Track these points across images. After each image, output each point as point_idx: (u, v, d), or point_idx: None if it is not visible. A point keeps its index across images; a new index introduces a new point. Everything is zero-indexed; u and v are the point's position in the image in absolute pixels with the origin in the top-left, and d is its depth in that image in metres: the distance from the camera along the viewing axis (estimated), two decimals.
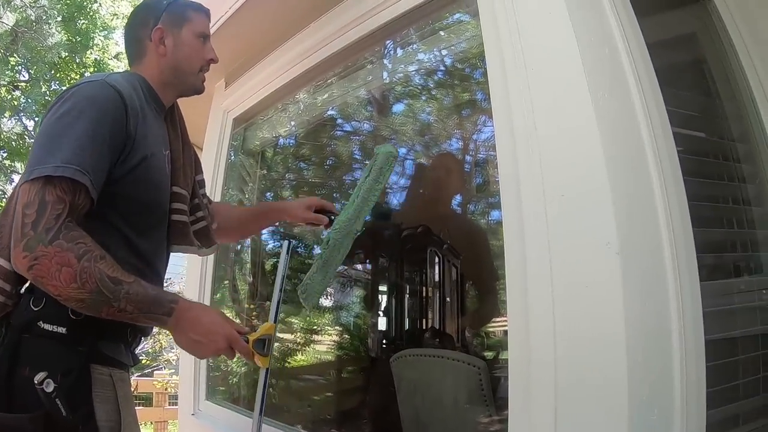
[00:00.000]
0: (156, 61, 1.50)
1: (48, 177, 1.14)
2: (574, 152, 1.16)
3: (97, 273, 1.16)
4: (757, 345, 1.51)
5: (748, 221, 1.63)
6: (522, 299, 1.20)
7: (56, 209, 1.14)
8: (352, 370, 3.12)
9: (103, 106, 1.25)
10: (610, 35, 1.27)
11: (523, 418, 1.18)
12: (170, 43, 1.50)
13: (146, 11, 1.52)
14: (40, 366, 1.20)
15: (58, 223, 1.14)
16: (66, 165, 1.15)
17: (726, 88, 1.72)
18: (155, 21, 1.49)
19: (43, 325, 1.25)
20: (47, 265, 1.12)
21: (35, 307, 1.26)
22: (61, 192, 1.16)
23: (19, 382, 1.21)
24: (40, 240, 1.12)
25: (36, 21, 9.21)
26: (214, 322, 1.33)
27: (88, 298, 1.16)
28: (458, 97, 2.66)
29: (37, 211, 1.13)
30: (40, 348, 1.25)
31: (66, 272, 1.13)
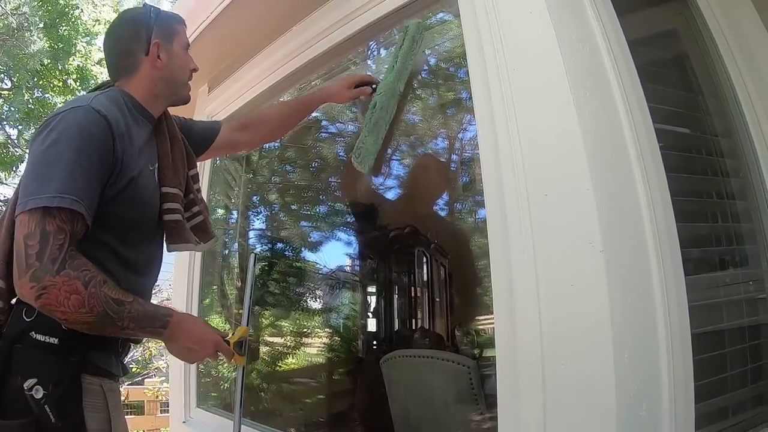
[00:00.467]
0: (150, 74, 1.51)
1: (46, 208, 1.17)
2: (557, 152, 1.17)
3: (103, 297, 1.21)
4: (744, 337, 1.52)
5: (733, 215, 1.64)
6: (508, 300, 1.20)
7: (58, 239, 1.18)
8: (342, 372, 3.12)
9: (91, 134, 1.27)
10: (591, 34, 1.28)
11: (511, 417, 1.18)
12: (165, 57, 1.52)
13: (135, 25, 1.52)
14: (31, 375, 1.23)
15: (62, 253, 1.17)
16: (62, 195, 1.18)
17: (708, 84, 1.74)
18: (148, 35, 1.50)
19: (36, 335, 1.28)
20: (56, 294, 1.16)
21: (27, 318, 1.29)
22: (61, 222, 1.18)
23: (11, 391, 1.24)
24: (47, 270, 1.15)
25: (17, 28, 9.12)
26: (203, 330, 1.46)
27: (95, 321, 1.21)
28: (443, 97, 2.66)
29: (40, 242, 1.16)
30: (31, 358, 1.27)
31: (75, 299, 1.17)
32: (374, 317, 2.99)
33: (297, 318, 3.20)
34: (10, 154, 10.57)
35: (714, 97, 1.72)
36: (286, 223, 3.40)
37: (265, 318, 3.24)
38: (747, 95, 1.67)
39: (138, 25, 1.52)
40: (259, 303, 3.14)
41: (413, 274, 2.87)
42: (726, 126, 1.70)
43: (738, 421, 1.43)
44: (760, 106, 1.66)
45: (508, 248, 1.21)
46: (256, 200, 3.25)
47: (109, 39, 1.57)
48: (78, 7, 10.35)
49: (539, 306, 1.12)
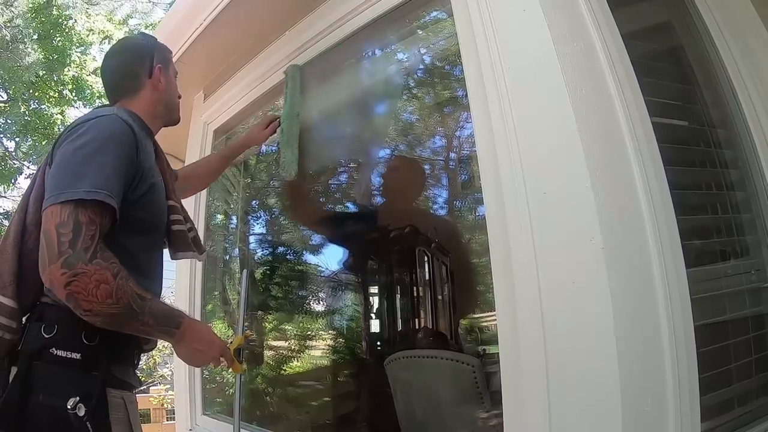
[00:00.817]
0: (151, 95, 1.62)
1: (80, 200, 1.21)
2: (554, 150, 1.17)
3: (129, 290, 1.24)
4: (747, 327, 1.52)
5: (732, 205, 1.63)
6: (509, 300, 1.20)
7: (90, 230, 1.21)
8: (347, 374, 3.12)
9: (120, 139, 1.35)
10: (585, 29, 1.28)
11: (517, 414, 1.18)
12: (164, 81, 1.65)
13: (139, 49, 1.66)
14: (55, 392, 1.25)
15: (94, 243, 1.21)
16: (96, 189, 1.23)
17: (703, 75, 1.73)
18: (151, 59, 1.64)
19: (57, 351, 1.29)
20: (86, 282, 1.17)
21: (47, 334, 1.30)
22: (93, 214, 1.22)
23: (33, 410, 1.24)
24: (80, 258, 1.17)
25: (11, 41, 9.13)
26: (210, 334, 1.50)
27: (119, 313, 1.22)
28: (439, 95, 2.66)
29: (73, 231, 1.19)
30: (53, 374, 1.28)
31: (104, 289, 1.19)
32: (377, 318, 2.99)
33: (300, 321, 3.20)
34: (8, 166, 10.58)
35: (710, 88, 1.72)
36: (286, 227, 3.40)
37: (268, 322, 3.24)
38: (743, 85, 1.67)
39: (142, 50, 1.66)
40: (262, 308, 3.15)
41: (415, 274, 2.87)
42: (723, 117, 1.69)
43: (744, 413, 1.43)
44: (756, 95, 1.66)
45: (509, 247, 1.21)
46: (256, 204, 3.25)
47: (112, 60, 1.67)
48: (71, 18, 10.34)
49: (541, 304, 1.12)
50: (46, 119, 10.59)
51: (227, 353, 1.53)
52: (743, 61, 1.69)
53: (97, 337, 1.32)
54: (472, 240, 2.62)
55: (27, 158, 10.68)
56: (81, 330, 1.30)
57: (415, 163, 2.99)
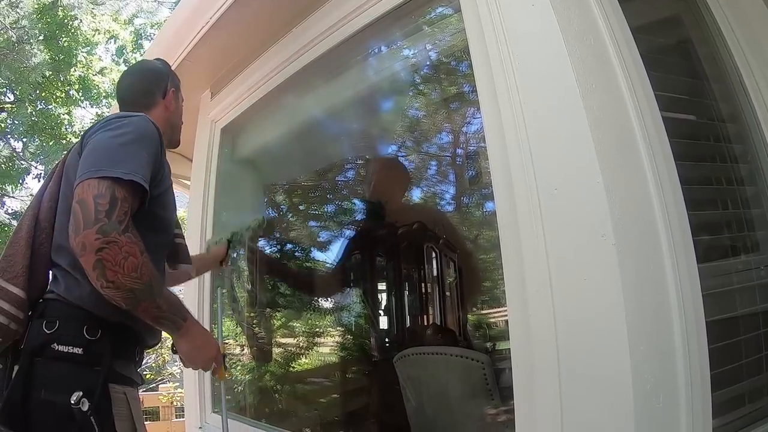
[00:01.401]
0: (162, 114, 1.71)
1: (117, 178, 1.26)
2: (565, 145, 1.16)
3: (152, 269, 1.28)
4: (759, 323, 1.51)
5: (743, 200, 1.62)
6: (521, 297, 1.19)
7: (125, 206, 1.26)
8: (356, 371, 3.12)
9: (151, 136, 1.43)
10: (594, 23, 1.27)
11: (528, 412, 1.18)
12: (174, 104, 1.77)
13: (157, 71, 1.79)
14: (57, 388, 1.26)
15: (126, 219, 1.26)
16: (135, 173, 1.29)
17: (713, 69, 1.72)
18: (166, 82, 1.76)
19: (58, 347, 1.30)
20: (116, 251, 1.21)
21: (48, 330, 1.32)
22: (127, 194, 1.28)
23: (36, 406, 1.25)
24: (114, 228, 1.22)
25: (17, 42, 9.16)
26: (210, 336, 1.59)
27: (139, 289, 1.25)
28: (446, 91, 2.66)
29: (110, 203, 1.24)
30: (55, 370, 1.30)
31: (131, 261, 1.23)
32: (386, 315, 2.99)
33: (308, 318, 3.21)
34: (15, 166, 10.62)
35: (719, 82, 1.71)
36: (294, 224, 3.40)
37: (277, 319, 3.24)
38: (753, 79, 1.66)
39: (160, 72, 1.78)
40: (270, 305, 3.15)
41: (423, 271, 2.88)
42: (733, 111, 1.68)
43: (755, 408, 1.42)
44: (766, 89, 1.65)
45: (520, 244, 1.20)
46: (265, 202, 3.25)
47: (132, 78, 1.79)
48: (77, 18, 10.37)
49: (553, 301, 1.12)
50: (53, 119, 10.62)
51: (220, 357, 1.58)
52: (753, 55, 1.68)
53: (99, 332, 1.34)
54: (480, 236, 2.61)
55: (34, 158, 10.73)
56: (83, 325, 1.33)
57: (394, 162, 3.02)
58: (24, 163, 10.76)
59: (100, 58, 11.58)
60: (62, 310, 1.35)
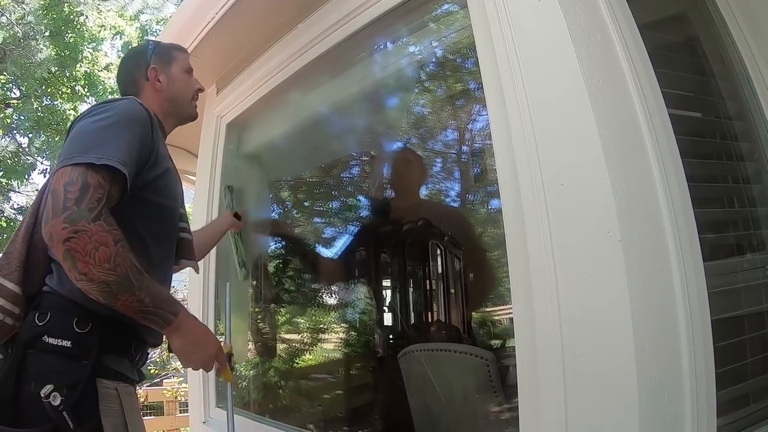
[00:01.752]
0: (154, 96, 1.67)
1: (90, 164, 1.22)
2: (571, 141, 1.16)
3: (129, 259, 1.22)
4: (765, 323, 1.50)
5: (749, 199, 1.62)
6: (526, 293, 1.19)
7: (98, 193, 1.21)
8: (360, 367, 3.12)
9: (137, 118, 1.39)
10: (601, 20, 1.26)
11: (533, 409, 1.18)
12: (164, 80, 1.69)
13: (136, 57, 1.74)
14: (45, 380, 1.23)
15: (99, 206, 1.20)
16: (108, 156, 1.24)
17: (720, 67, 1.72)
18: (147, 63, 1.69)
19: (48, 339, 1.29)
20: (85, 241, 1.16)
21: (40, 322, 1.30)
22: (102, 179, 1.23)
23: (26, 398, 1.24)
24: (83, 216, 1.16)
25: (23, 38, 9.18)
26: (208, 332, 1.48)
27: (114, 281, 1.19)
28: (452, 88, 2.65)
29: (81, 190, 1.19)
30: (45, 362, 1.28)
31: (103, 251, 1.17)
32: (390, 311, 2.99)
33: (313, 314, 3.21)
34: (21, 162, 10.65)
35: (727, 80, 1.71)
36: (299, 220, 3.40)
37: (281, 315, 3.25)
38: (760, 77, 1.66)
39: (138, 56, 1.73)
40: (274, 300, 3.15)
41: (428, 267, 2.87)
42: (740, 109, 1.68)
43: (759, 408, 1.42)
44: None
45: (525, 240, 1.20)
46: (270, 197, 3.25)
47: (118, 72, 1.77)
48: (83, 14, 10.38)
49: (558, 297, 1.11)
50: (59, 115, 10.65)
51: (223, 356, 1.50)
52: (760, 52, 1.68)
53: (89, 326, 1.32)
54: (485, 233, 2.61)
55: (40, 154, 10.75)
56: (73, 317, 1.31)
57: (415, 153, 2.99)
58: (30, 159, 10.78)
59: (105, 54, 11.60)
60: (55, 302, 1.33)
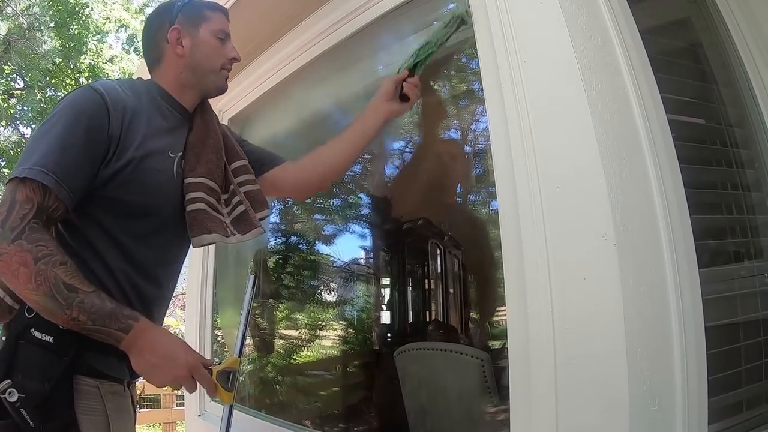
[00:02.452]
0: (174, 62, 1.51)
1: (18, 178, 1.18)
2: (568, 143, 1.16)
3: (53, 277, 1.16)
4: (759, 330, 1.51)
5: (747, 206, 1.62)
6: (520, 294, 1.19)
7: (23, 209, 1.17)
8: (357, 364, 3.13)
9: (80, 109, 1.28)
10: (602, 24, 1.26)
11: (524, 411, 1.18)
12: (188, 43, 1.50)
13: (161, 15, 1.54)
14: (29, 374, 1.22)
15: (23, 223, 1.16)
16: (34, 167, 1.18)
17: (722, 74, 1.71)
18: (171, 22, 1.50)
19: (35, 332, 1.26)
20: (8, 263, 1.14)
21: (29, 315, 1.27)
22: (31, 192, 1.18)
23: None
24: (4, 238, 1.14)
25: (28, 28, 9.20)
26: (175, 348, 1.29)
27: (41, 301, 1.16)
28: (454, 88, 2.65)
29: (7, 210, 1.16)
30: (30, 356, 1.26)
31: (23, 272, 1.14)
32: (388, 310, 2.99)
33: (311, 311, 3.21)
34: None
35: (728, 86, 1.70)
36: (299, 216, 3.40)
37: (279, 311, 3.25)
38: (762, 85, 1.65)
39: (162, 15, 1.53)
40: (273, 296, 3.16)
41: (427, 267, 2.88)
42: (740, 116, 1.68)
43: (752, 416, 1.42)
44: None
45: (521, 241, 1.20)
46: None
47: (142, 34, 1.60)
48: (88, 6, 10.41)
49: (552, 300, 1.11)
50: None
51: (201, 373, 1.29)
52: (762, 59, 1.67)
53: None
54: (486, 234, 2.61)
55: None
56: None
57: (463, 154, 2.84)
58: None
59: (110, 46, 11.67)
60: None
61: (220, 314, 2.89)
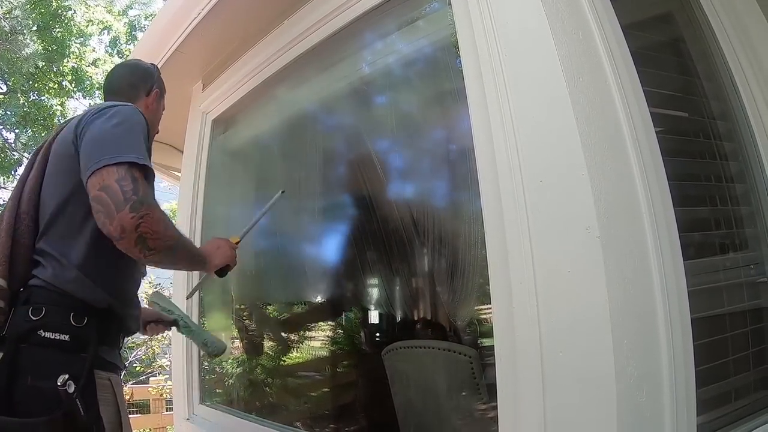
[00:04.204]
0: (143, 109, 1.73)
1: (132, 162, 1.35)
2: (551, 137, 1.16)
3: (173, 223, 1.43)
4: (746, 321, 1.51)
5: (732, 198, 1.63)
6: (505, 288, 1.19)
7: (144, 184, 1.36)
8: (345, 364, 3.12)
9: (142, 125, 1.50)
10: (584, 19, 1.27)
11: (512, 405, 1.18)
12: (154, 105, 1.85)
13: (148, 70, 1.88)
14: (44, 374, 1.28)
15: (150, 193, 1.38)
16: (139, 157, 1.38)
17: (704, 67, 1.72)
18: (152, 82, 1.85)
19: (45, 333, 1.32)
20: (150, 221, 1.32)
21: (35, 316, 1.33)
22: (140, 175, 1.37)
23: (22, 391, 1.27)
24: (143, 202, 1.31)
25: (10, 32, 9.11)
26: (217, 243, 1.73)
27: (174, 244, 1.41)
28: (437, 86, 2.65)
29: (132, 183, 1.33)
30: (41, 356, 1.32)
31: (164, 225, 1.36)
32: (376, 309, 2.99)
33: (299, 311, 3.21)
34: (8, 157, 10.57)
35: (711, 80, 1.71)
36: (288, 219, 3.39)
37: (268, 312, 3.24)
38: (744, 78, 1.66)
39: (149, 72, 1.87)
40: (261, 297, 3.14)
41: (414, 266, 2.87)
42: (723, 109, 1.69)
43: (741, 406, 1.43)
44: (757, 88, 1.65)
45: (504, 235, 1.20)
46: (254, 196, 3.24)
47: (123, 69, 1.89)
48: (71, 9, 10.32)
49: (536, 293, 1.12)
50: (46, 110, 10.60)
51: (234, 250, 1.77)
52: (744, 53, 1.69)
53: (85, 320, 1.37)
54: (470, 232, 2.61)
55: (26, 149, 10.68)
56: (69, 312, 1.36)
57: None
58: (16, 154, 10.70)
59: (93, 49, 11.56)
60: (49, 296, 1.37)
61: (207, 317, 2.88)
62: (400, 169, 2.83)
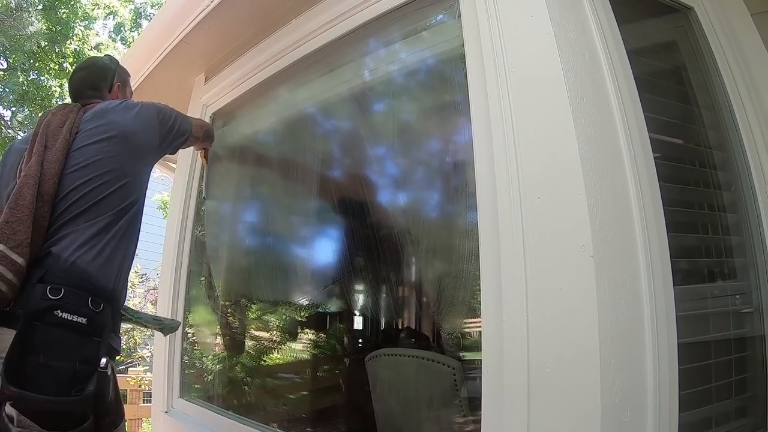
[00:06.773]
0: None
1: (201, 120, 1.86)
2: (551, 155, 1.17)
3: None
4: (730, 349, 1.52)
5: (723, 227, 1.64)
6: (496, 300, 1.20)
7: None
8: (327, 368, 3.11)
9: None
10: (591, 41, 1.28)
11: (496, 419, 1.18)
12: (121, 97, 1.95)
13: (104, 67, 1.98)
14: (58, 354, 1.31)
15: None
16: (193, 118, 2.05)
17: (704, 96, 1.74)
18: (112, 76, 1.96)
19: (62, 314, 1.34)
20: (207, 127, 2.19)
21: (53, 296, 1.35)
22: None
23: (34, 369, 1.28)
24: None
25: (16, 9, 9.07)
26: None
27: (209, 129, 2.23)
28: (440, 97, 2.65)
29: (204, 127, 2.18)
30: (56, 336, 1.33)
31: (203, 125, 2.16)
32: (361, 316, 2.98)
33: (283, 313, 3.19)
34: (3, 134, 10.49)
35: (710, 109, 1.73)
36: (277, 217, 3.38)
37: (252, 312, 3.22)
38: (743, 110, 1.68)
39: (106, 68, 1.98)
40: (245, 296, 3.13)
41: (401, 274, 2.87)
42: (721, 139, 1.70)
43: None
44: (755, 120, 1.66)
45: (499, 248, 1.21)
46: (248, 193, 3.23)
47: (80, 72, 1.95)
48: None
49: (527, 308, 1.12)
50: (44, 90, 10.54)
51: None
52: (744, 85, 1.70)
53: (101, 305, 1.41)
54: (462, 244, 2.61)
55: (22, 128, 10.61)
56: (87, 296, 1.39)
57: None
58: (11, 132, 10.63)
59: (97, 33, 11.51)
60: (67, 278, 1.39)
61: (192, 312, 2.87)
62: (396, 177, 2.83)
